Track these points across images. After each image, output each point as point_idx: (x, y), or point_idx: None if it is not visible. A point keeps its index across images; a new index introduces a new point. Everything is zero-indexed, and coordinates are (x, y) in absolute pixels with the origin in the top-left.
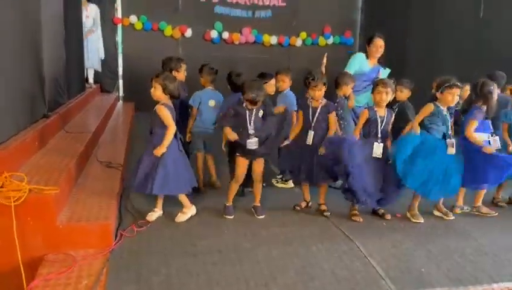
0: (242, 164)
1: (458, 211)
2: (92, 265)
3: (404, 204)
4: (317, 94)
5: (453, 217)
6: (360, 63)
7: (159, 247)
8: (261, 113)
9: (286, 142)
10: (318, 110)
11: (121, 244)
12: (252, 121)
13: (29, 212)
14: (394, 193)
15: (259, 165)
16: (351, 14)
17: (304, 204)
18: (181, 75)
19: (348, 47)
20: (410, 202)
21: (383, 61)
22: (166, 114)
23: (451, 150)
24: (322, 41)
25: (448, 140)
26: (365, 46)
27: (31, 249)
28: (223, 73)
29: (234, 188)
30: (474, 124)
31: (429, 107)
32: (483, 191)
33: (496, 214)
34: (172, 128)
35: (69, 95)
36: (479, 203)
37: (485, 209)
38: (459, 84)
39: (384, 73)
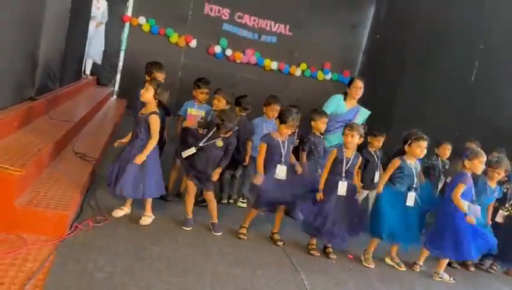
0: (191, 183)
1: (418, 269)
2: (40, 251)
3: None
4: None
5: (404, 269)
6: (336, 105)
7: (111, 245)
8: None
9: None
10: (286, 144)
11: (74, 237)
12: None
13: None
14: (351, 235)
15: (207, 193)
16: (352, 54)
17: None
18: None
19: (344, 86)
20: (367, 245)
21: (373, 102)
22: (156, 125)
23: (409, 202)
24: (320, 75)
25: (409, 192)
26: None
27: None
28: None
29: (189, 201)
30: (461, 188)
31: (395, 162)
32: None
33: (453, 281)
34: (156, 139)
35: (61, 82)
36: (441, 270)
37: (446, 277)
38: (425, 136)
39: (363, 113)
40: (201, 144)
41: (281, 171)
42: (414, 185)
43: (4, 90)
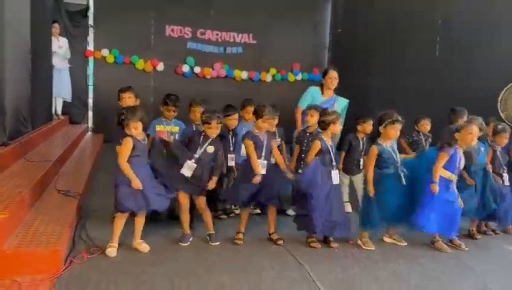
0: (182, 196)
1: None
2: None
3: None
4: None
5: (405, 244)
6: (312, 97)
7: (109, 274)
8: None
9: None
10: (266, 139)
11: (70, 271)
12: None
13: None
14: (347, 222)
15: (198, 200)
16: (319, 52)
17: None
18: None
19: (316, 83)
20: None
21: (344, 95)
22: None
23: (402, 180)
24: (291, 77)
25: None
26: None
27: None
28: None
29: (184, 216)
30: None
31: (374, 150)
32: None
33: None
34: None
35: (33, 125)
36: None
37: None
38: (400, 119)
39: (341, 102)
40: (197, 156)
41: (261, 166)
42: (398, 165)
43: None
